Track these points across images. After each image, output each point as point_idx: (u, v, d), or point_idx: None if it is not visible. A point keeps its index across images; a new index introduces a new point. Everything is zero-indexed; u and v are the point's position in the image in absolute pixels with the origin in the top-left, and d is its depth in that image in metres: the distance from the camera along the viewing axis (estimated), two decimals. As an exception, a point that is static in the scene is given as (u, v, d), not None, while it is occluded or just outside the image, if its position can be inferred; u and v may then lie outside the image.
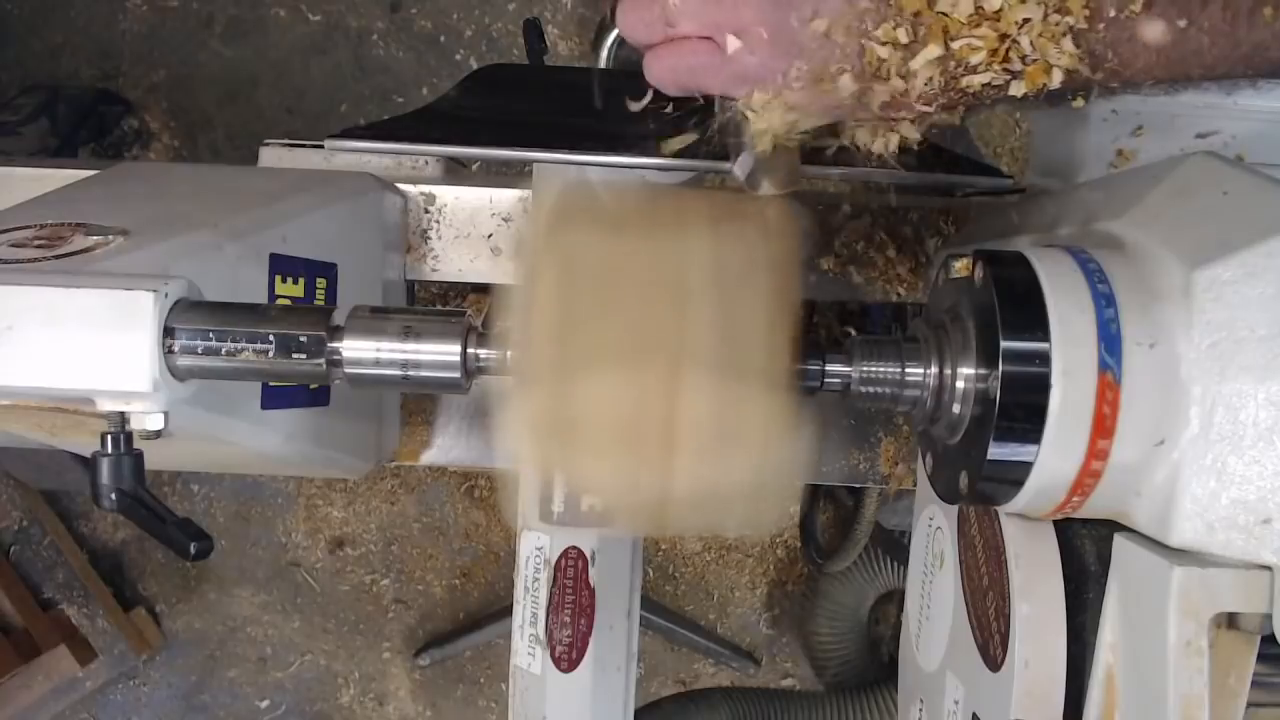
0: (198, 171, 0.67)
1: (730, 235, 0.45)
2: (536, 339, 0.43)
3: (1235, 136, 0.61)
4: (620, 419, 0.42)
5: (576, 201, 0.52)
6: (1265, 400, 0.37)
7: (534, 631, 0.68)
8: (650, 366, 0.41)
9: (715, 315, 0.42)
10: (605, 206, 0.50)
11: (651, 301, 0.42)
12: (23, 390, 0.43)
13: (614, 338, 0.42)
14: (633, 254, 0.44)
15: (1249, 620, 0.37)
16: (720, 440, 0.43)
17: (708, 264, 0.43)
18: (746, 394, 0.42)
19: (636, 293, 0.43)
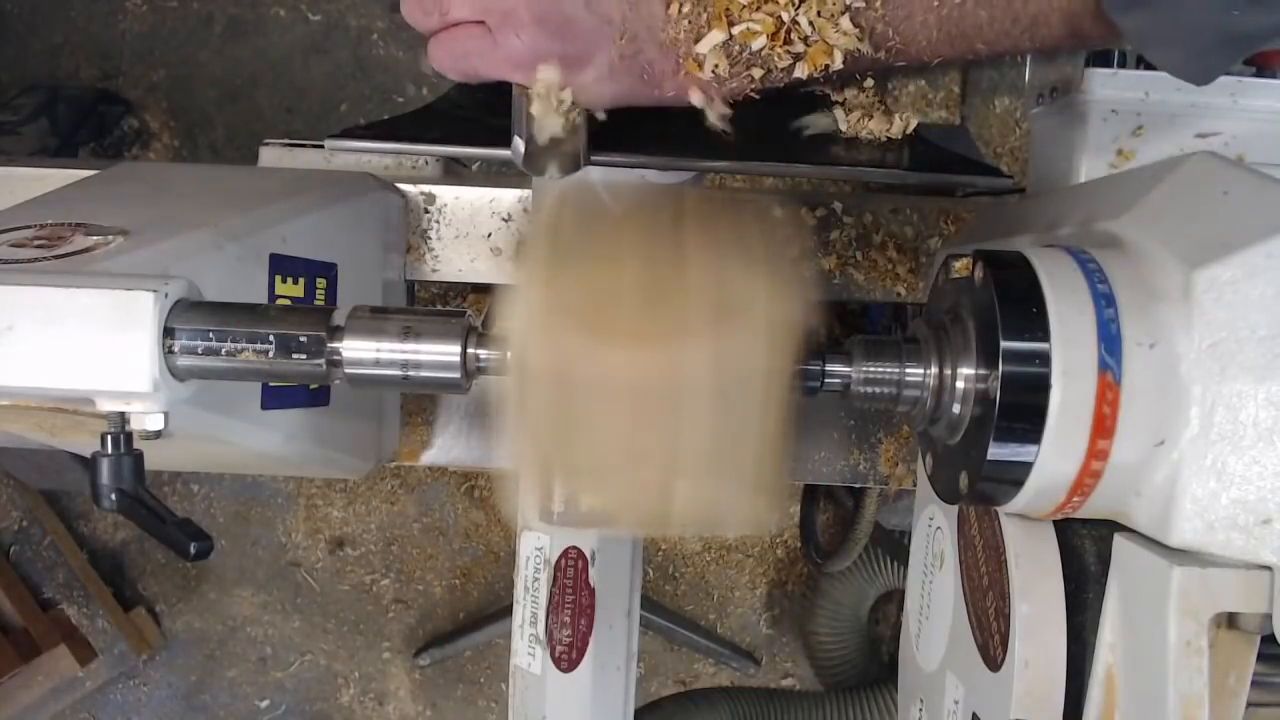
0: (198, 171, 0.67)
1: (730, 237, 0.45)
2: (536, 341, 0.43)
3: (1235, 136, 0.61)
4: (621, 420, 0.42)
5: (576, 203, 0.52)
6: (1265, 400, 0.37)
7: (534, 631, 0.68)
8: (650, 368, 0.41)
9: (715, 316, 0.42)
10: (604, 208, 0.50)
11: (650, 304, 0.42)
12: (23, 390, 0.43)
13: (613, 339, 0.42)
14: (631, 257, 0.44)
15: (1249, 620, 0.37)
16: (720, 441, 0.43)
17: (707, 266, 0.43)
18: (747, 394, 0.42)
19: (635, 295, 0.43)
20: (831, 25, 0.48)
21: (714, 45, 0.49)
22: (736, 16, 0.48)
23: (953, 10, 0.47)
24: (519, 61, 0.51)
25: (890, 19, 0.48)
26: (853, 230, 0.72)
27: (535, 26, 0.49)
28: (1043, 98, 0.66)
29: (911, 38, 0.48)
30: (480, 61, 0.52)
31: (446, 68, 0.54)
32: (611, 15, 0.49)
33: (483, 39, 0.51)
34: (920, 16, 0.47)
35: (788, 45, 0.49)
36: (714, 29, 0.48)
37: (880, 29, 0.48)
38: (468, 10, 0.50)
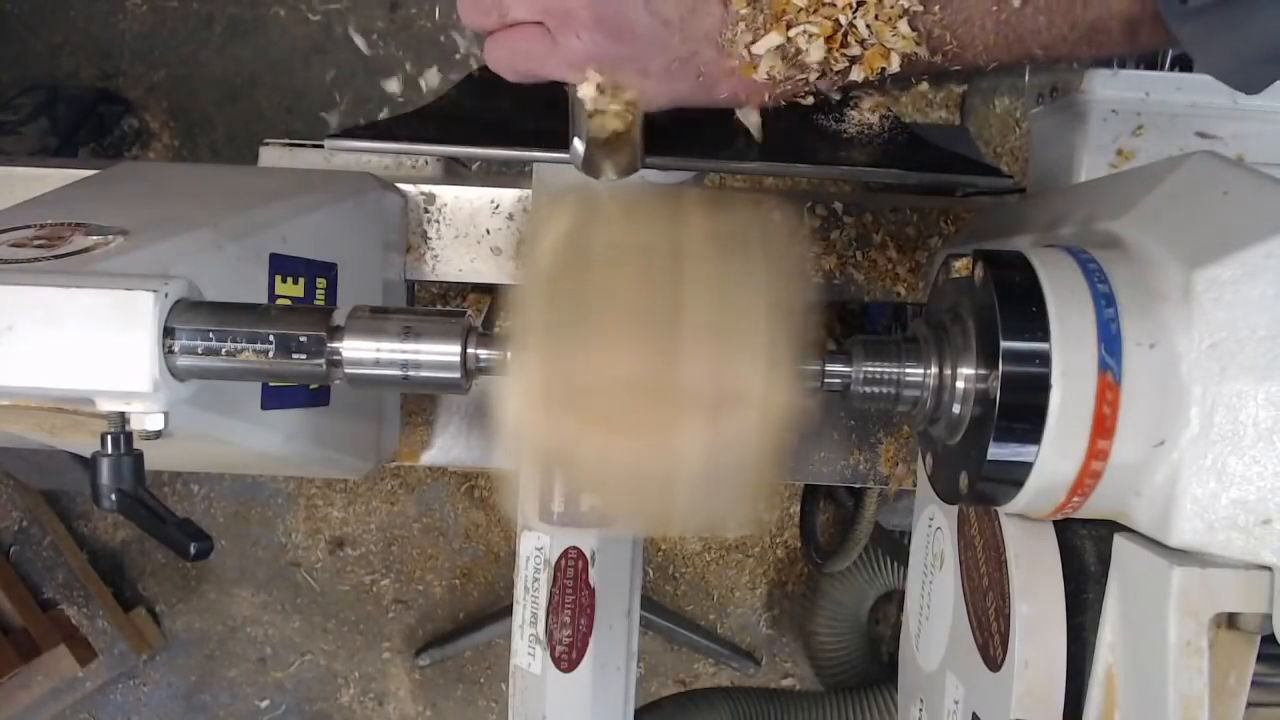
0: (198, 171, 0.67)
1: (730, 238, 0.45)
2: (536, 341, 0.43)
3: (1235, 136, 0.61)
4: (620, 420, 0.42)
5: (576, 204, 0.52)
6: (1265, 400, 0.37)
7: (534, 631, 0.68)
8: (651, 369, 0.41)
9: (715, 317, 0.42)
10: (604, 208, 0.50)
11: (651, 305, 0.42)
12: (23, 390, 0.43)
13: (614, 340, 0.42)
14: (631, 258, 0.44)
15: (1249, 620, 0.37)
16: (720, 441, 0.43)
17: (707, 266, 0.43)
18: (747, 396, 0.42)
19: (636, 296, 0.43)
20: (889, 29, 0.47)
21: (771, 48, 0.48)
22: (794, 19, 0.48)
23: (1010, 15, 0.46)
24: (578, 63, 0.50)
25: (948, 23, 0.48)
26: (853, 230, 0.72)
27: (595, 28, 0.49)
28: (1043, 98, 0.66)
29: (969, 42, 0.48)
30: (539, 62, 0.52)
31: (503, 68, 0.54)
32: (670, 17, 0.49)
33: (542, 40, 0.51)
34: (978, 21, 0.47)
35: (844, 49, 0.48)
36: (771, 31, 0.48)
37: (938, 33, 0.48)
38: (526, 11, 0.50)
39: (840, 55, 0.49)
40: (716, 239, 0.44)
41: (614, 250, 0.44)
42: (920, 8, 0.47)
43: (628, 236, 0.45)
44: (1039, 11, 0.46)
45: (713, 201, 0.52)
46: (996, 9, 0.47)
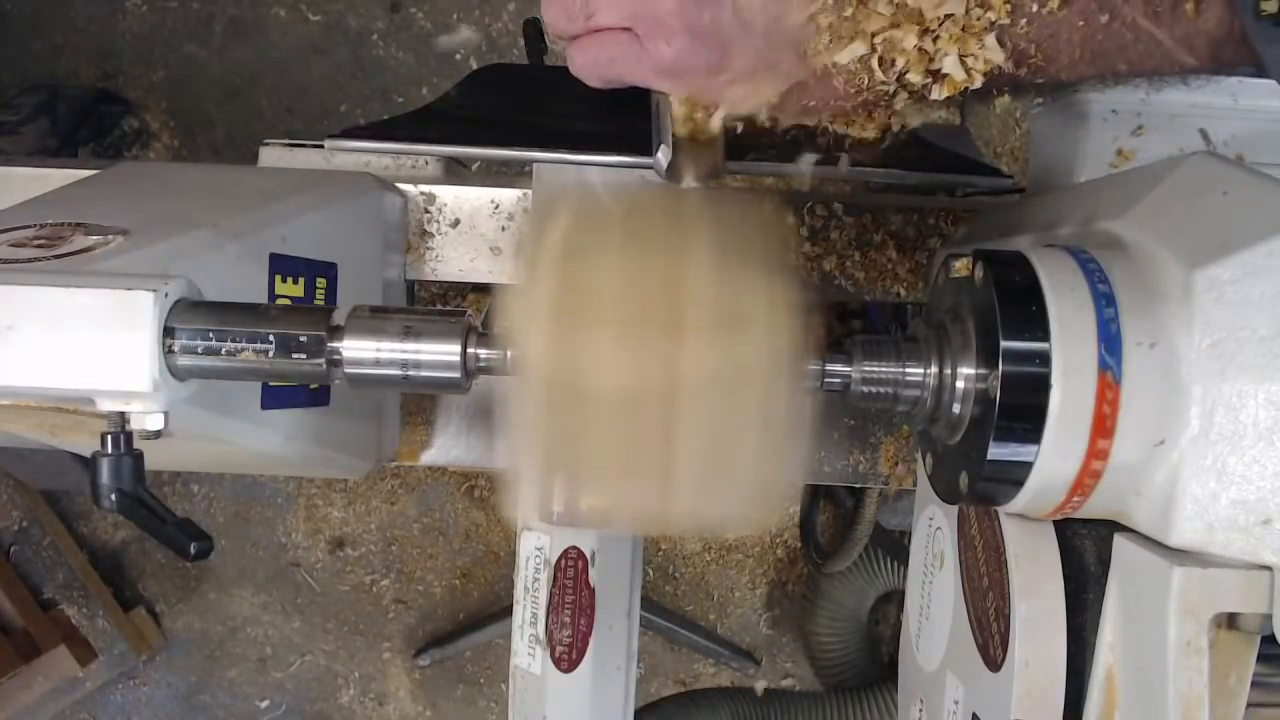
0: (198, 171, 0.67)
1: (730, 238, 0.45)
2: (536, 341, 0.43)
3: (1235, 136, 0.61)
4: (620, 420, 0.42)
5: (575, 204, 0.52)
6: (1265, 400, 0.37)
7: (534, 631, 0.68)
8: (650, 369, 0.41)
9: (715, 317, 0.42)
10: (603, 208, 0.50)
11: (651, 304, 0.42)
12: (23, 390, 0.43)
13: (613, 340, 0.42)
14: (631, 258, 0.44)
15: (1249, 620, 0.37)
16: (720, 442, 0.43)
17: (706, 267, 0.43)
18: (747, 395, 0.42)
19: (635, 295, 0.43)
20: (975, 41, 0.47)
21: (854, 58, 0.48)
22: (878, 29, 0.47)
23: (1098, 30, 0.46)
24: (667, 69, 0.50)
25: (1034, 36, 0.47)
26: (853, 230, 0.72)
27: (686, 35, 0.48)
28: (1043, 98, 0.65)
29: (1054, 56, 0.47)
30: (626, 68, 0.51)
31: (589, 73, 0.53)
32: (756, 25, 0.48)
33: (630, 45, 0.50)
34: (1065, 35, 0.47)
35: (929, 61, 0.48)
36: (855, 41, 0.47)
37: (1023, 46, 0.47)
38: (615, 16, 0.50)
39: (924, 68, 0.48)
40: (716, 238, 0.44)
41: (614, 250, 0.44)
42: (1008, 21, 0.46)
43: (628, 236, 0.45)
44: (1126, 28, 0.45)
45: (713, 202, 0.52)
46: (1084, 24, 0.46)
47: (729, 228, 0.45)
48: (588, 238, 0.45)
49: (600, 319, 0.42)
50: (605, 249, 0.45)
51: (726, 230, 0.45)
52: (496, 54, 1.81)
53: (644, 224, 0.47)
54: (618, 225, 0.47)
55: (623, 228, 0.47)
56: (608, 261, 0.44)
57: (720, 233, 0.45)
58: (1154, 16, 0.45)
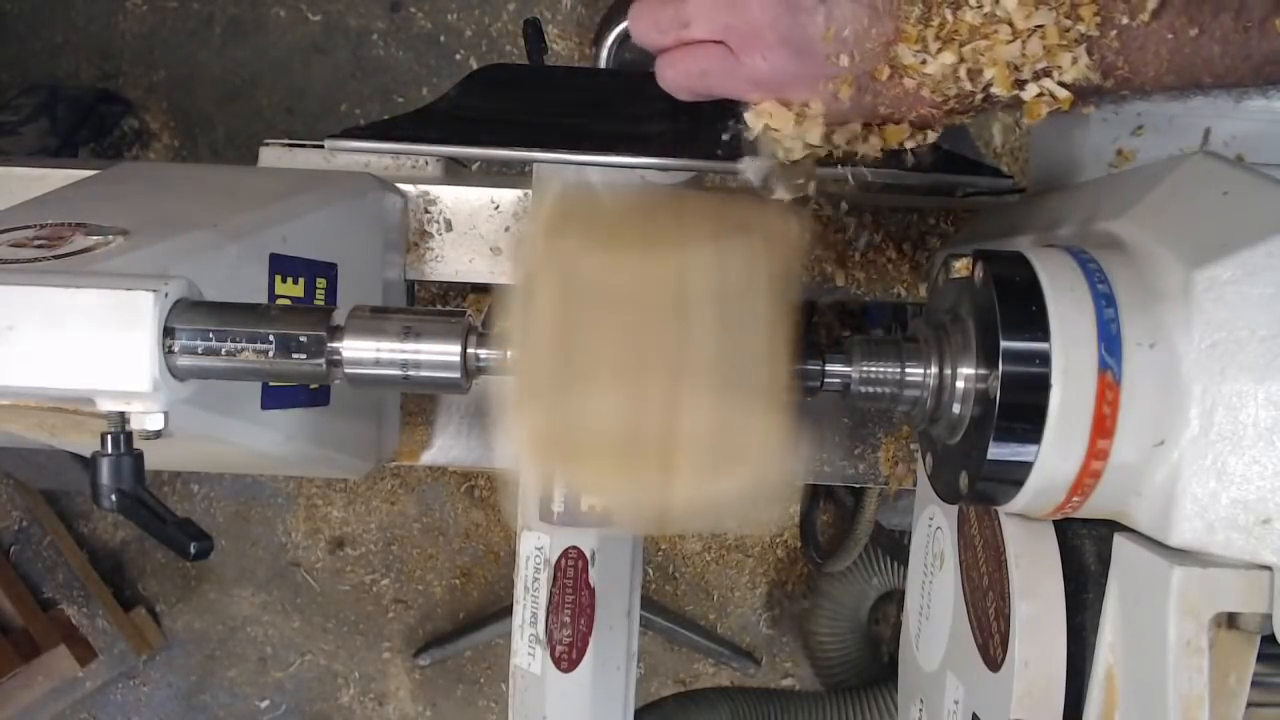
0: (198, 171, 0.67)
1: (730, 240, 0.45)
2: (537, 342, 0.43)
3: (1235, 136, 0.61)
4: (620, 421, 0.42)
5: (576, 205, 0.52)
6: (1265, 400, 0.37)
7: (534, 631, 0.68)
8: (650, 369, 0.41)
9: (715, 319, 0.42)
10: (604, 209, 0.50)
11: (651, 305, 0.42)
12: (23, 390, 0.43)
13: (614, 341, 0.42)
14: (632, 258, 0.44)
15: (1249, 620, 0.37)
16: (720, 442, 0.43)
17: (708, 268, 0.43)
18: (746, 396, 0.42)
19: (637, 297, 0.43)
20: (1067, 53, 0.47)
21: (942, 68, 0.48)
22: (966, 39, 0.47)
23: (1186, 43, 0.46)
24: (762, 82, 0.50)
25: (1122, 49, 0.47)
26: (853, 230, 0.72)
27: (781, 47, 0.48)
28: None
29: (1140, 68, 0.47)
30: (718, 81, 0.51)
31: (679, 86, 0.53)
32: (846, 36, 0.48)
33: (724, 59, 0.50)
34: (1153, 48, 0.46)
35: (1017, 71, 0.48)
36: (944, 52, 0.47)
37: (1110, 58, 0.47)
38: (708, 30, 0.50)
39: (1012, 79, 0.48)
40: (716, 240, 0.44)
41: (613, 252, 0.44)
42: (1097, 33, 0.46)
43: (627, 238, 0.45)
44: (1214, 41, 0.45)
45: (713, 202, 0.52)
46: (1173, 37, 0.45)
47: (728, 226, 0.45)
48: (587, 235, 0.45)
49: (599, 315, 0.42)
50: (604, 246, 0.45)
51: (726, 229, 0.45)
52: (496, 54, 1.81)
53: (644, 222, 0.47)
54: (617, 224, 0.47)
55: (622, 226, 0.47)
56: (607, 258, 0.44)
57: (720, 231, 0.45)
58: (1244, 31, 0.45)
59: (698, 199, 0.60)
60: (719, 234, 0.45)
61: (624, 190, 0.60)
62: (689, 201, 0.54)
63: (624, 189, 0.62)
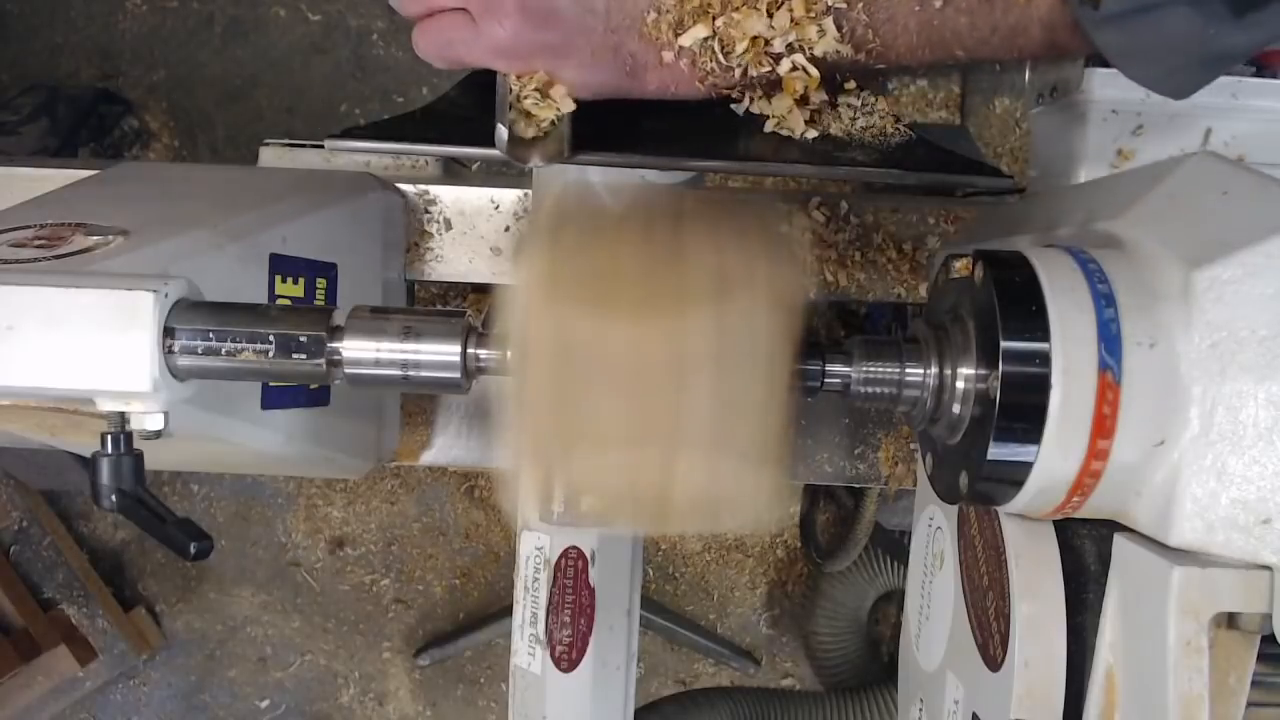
0: (198, 171, 0.67)
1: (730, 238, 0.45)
2: (536, 342, 0.43)
3: (1235, 136, 0.61)
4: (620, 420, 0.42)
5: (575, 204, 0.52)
6: (1265, 400, 0.37)
7: (534, 631, 0.68)
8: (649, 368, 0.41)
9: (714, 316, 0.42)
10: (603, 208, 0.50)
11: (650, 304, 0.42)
12: (23, 390, 0.43)
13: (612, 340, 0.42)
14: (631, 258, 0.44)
15: (1249, 620, 0.37)
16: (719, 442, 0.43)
17: (706, 267, 0.43)
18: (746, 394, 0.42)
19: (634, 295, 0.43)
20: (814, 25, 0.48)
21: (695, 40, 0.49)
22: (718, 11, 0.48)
23: (933, 15, 0.47)
24: (502, 50, 0.51)
25: (871, 22, 0.48)
26: (853, 230, 0.72)
27: (519, 15, 0.49)
28: (1043, 98, 0.66)
29: (892, 41, 0.49)
30: (464, 49, 0.52)
31: (431, 55, 0.54)
32: (595, 6, 0.49)
33: (467, 27, 0.51)
34: (901, 20, 0.48)
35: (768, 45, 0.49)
36: (697, 24, 0.48)
37: (860, 31, 0.49)
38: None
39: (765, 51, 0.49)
40: (716, 240, 0.44)
41: (613, 252, 0.44)
42: (844, 5, 0.48)
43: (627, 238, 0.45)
44: (960, 13, 0.47)
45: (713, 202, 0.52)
46: (919, 9, 0.47)
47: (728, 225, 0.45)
48: (587, 235, 0.45)
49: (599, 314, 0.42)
50: (604, 246, 0.45)
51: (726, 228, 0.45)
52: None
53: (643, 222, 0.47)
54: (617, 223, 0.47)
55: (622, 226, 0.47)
56: (606, 258, 0.44)
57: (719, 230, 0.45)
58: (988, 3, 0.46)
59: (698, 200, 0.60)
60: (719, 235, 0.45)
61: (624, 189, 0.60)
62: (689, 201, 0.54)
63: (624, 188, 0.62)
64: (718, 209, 0.48)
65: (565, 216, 0.48)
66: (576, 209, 0.50)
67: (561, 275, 0.44)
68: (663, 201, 0.54)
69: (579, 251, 0.45)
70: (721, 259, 0.43)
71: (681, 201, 0.53)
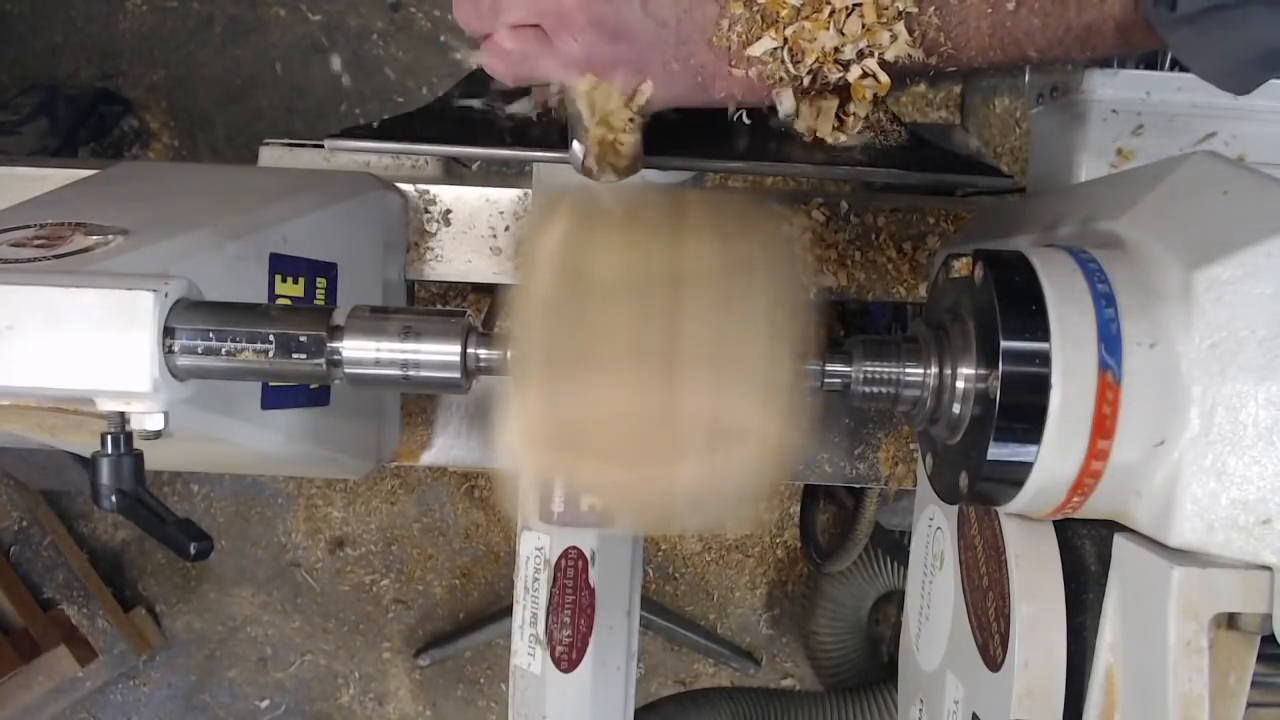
0: (198, 171, 0.67)
1: (730, 238, 0.45)
2: (536, 341, 0.43)
3: (1235, 136, 0.61)
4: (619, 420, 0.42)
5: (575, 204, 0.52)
6: (1265, 400, 0.37)
7: (534, 631, 0.68)
8: (649, 368, 0.41)
9: (714, 316, 0.42)
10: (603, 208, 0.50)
11: (650, 304, 0.42)
12: (23, 390, 0.43)
13: (613, 339, 0.42)
14: (630, 257, 0.44)
15: (1249, 620, 0.37)
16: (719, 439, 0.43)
17: (706, 266, 0.43)
18: (745, 394, 0.42)
19: (635, 295, 0.43)
20: (886, 31, 0.47)
21: (765, 49, 0.48)
22: (788, 21, 0.48)
23: (1005, 17, 0.46)
24: (575, 65, 0.50)
25: (943, 25, 0.48)
26: (853, 230, 0.72)
27: (592, 30, 0.49)
28: (1043, 98, 0.66)
29: (963, 44, 0.48)
30: (535, 65, 0.52)
31: (501, 71, 0.53)
32: (666, 18, 0.49)
33: (538, 42, 0.51)
34: (973, 23, 0.47)
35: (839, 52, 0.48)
36: (766, 34, 0.48)
37: (932, 35, 0.48)
38: (522, 13, 0.50)
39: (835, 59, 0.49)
40: (716, 240, 0.44)
41: (613, 252, 0.44)
42: (915, 9, 0.47)
43: (627, 238, 0.45)
44: (1033, 14, 0.46)
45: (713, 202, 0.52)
46: (991, 11, 0.47)
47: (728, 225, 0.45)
48: (587, 235, 0.45)
49: (600, 314, 0.42)
50: (605, 246, 0.45)
51: (726, 227, 0.45)
52: (496, 54, 1.81)
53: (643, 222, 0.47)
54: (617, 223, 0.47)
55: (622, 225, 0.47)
56: (607, 258, 0.44)
57: (720, 230, 0.45)
58: (1061, 3, 0.46)
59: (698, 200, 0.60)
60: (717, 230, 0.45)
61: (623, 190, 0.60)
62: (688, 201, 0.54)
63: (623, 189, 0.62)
64: (718, 209, 0.48)
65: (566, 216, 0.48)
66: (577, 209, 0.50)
67: (562, 276, 0.44)
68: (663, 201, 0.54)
69: (580, 251, 0.44)
70: (723, 260, 0.43)
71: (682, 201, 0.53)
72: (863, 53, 0.49)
